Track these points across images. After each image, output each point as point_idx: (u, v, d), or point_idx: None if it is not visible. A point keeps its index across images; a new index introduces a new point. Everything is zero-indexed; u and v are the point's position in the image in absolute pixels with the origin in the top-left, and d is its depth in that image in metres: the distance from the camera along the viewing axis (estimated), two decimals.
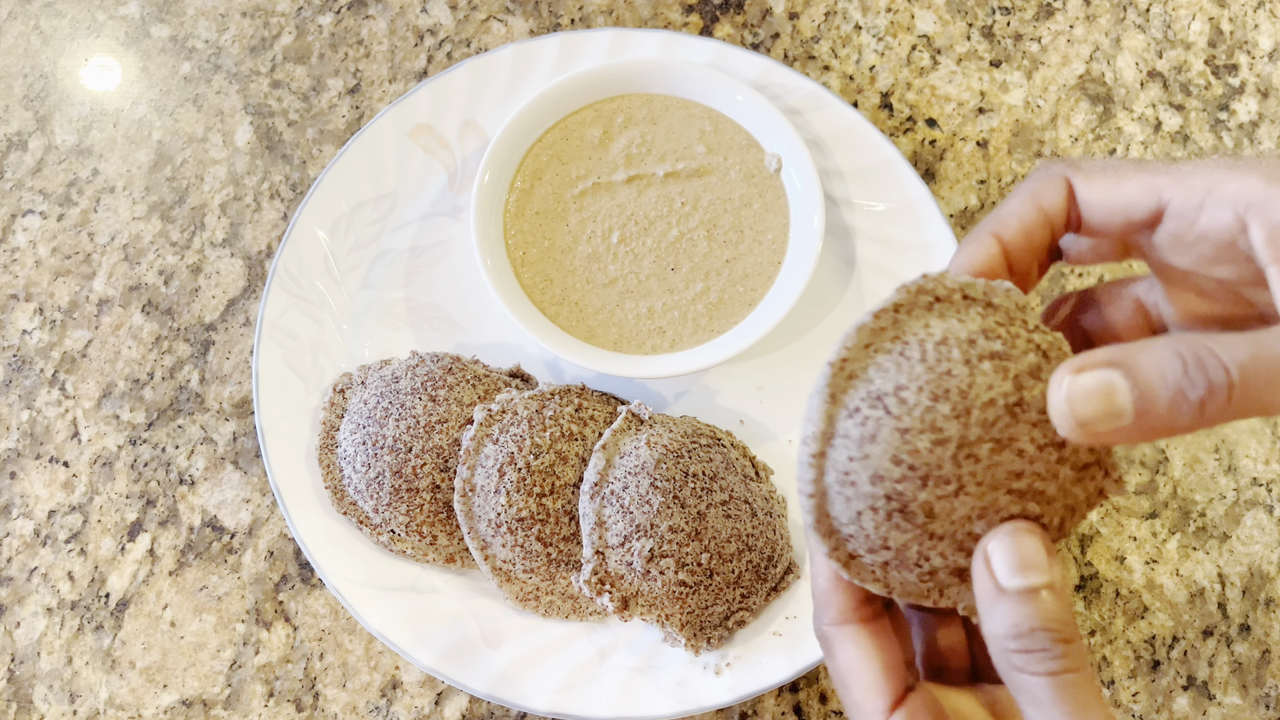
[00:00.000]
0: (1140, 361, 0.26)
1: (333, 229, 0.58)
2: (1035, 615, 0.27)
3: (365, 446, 0.52)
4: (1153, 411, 0.26)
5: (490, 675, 0.51)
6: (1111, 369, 0.26)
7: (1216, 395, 0.25)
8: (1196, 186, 0.29)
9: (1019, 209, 0.31)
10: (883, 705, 0.31)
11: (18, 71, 0.65)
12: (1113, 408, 0.26)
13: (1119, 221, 0.31)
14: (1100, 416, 0.26)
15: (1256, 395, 0.25)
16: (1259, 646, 0.55)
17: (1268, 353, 0.25)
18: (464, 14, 0.66)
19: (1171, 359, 0.25)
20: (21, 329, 0.60)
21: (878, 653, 0.32)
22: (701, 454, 0.51)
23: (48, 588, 0.56)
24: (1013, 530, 0.28)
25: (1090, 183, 0.31)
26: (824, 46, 0.65)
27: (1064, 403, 0.27)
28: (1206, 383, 0.25)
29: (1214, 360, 0.25)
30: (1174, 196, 0.29)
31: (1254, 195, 0.28)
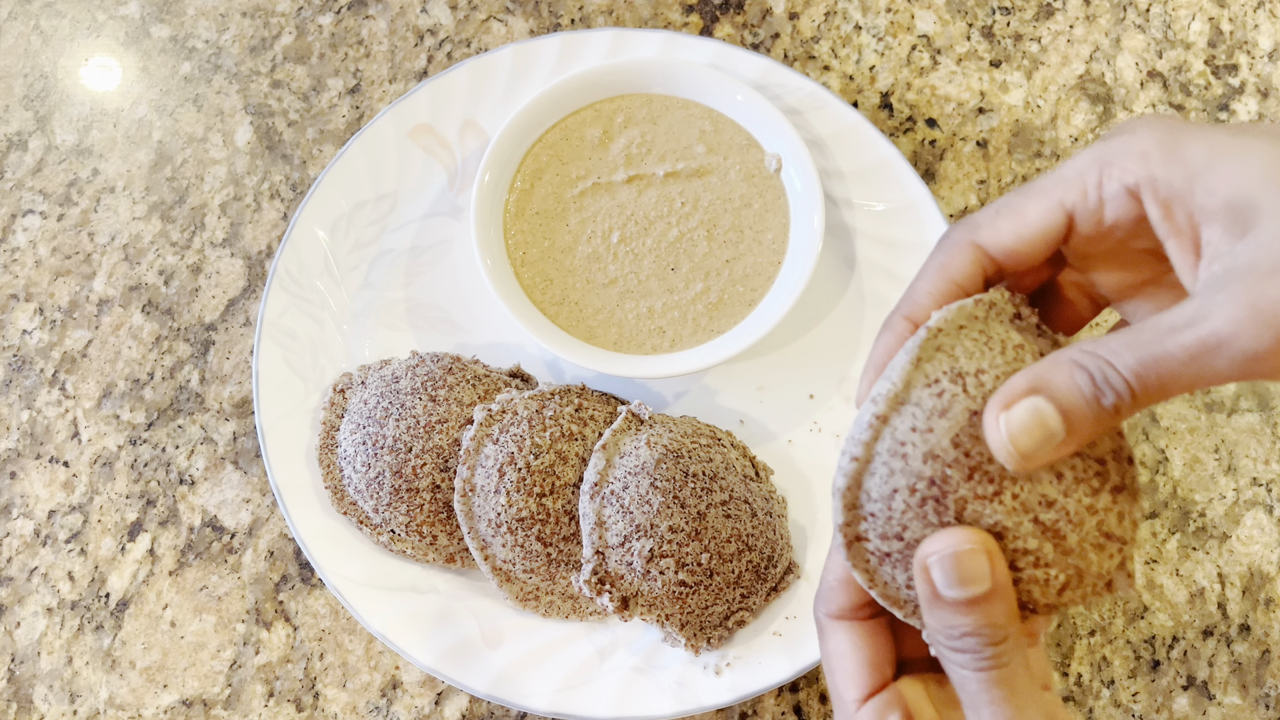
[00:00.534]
0: (1055, 383, 0.28)
1: (333, 229, 0.58)
2: (968, 623, 0.29)
3: (365, 446, 0.52)
4: (1079, 425, 0.28)
5: (490, 675, 0.51)
6: (1034, 396, 0.28)
7: (1124, 398, 0.28)
8: (1089, 180, 0.31)
9: (930, 287, 0.33)
10: (857, 695, 0.33)
11: (18, 71, 0.65)
12: (1047, 432, 0.28)
13: (1040, 249, 0.32)
14: (1040, 444, 0.29)
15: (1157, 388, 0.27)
16: (1259, 646, 0.55)
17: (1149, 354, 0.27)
18: (464, 14, 0.66)
19: (1081, 376, 0.28)
20: (21, 329, 0.61)
21: (864, 648, 0.34)
22: (701, 454, 0.51)
23: (48, 588, 0.56)
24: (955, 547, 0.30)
25: (995, 232, 0.32)
26: (824, 46, 0.65)
27: (1008, 441, 0.29)
28: (1114, 391, 0.28)
29: (1113, 373, 0.28)
30: (1075, 203, 0.31)
31: (1139, 176, 0.30)
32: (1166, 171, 0.29)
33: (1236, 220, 0.28)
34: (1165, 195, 0.29)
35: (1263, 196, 0.27)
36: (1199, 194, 0.28)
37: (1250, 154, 0.28)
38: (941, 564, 0.30)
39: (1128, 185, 0.30)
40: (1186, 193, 0.29)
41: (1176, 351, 0.27)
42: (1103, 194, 0.31)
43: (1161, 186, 0.29)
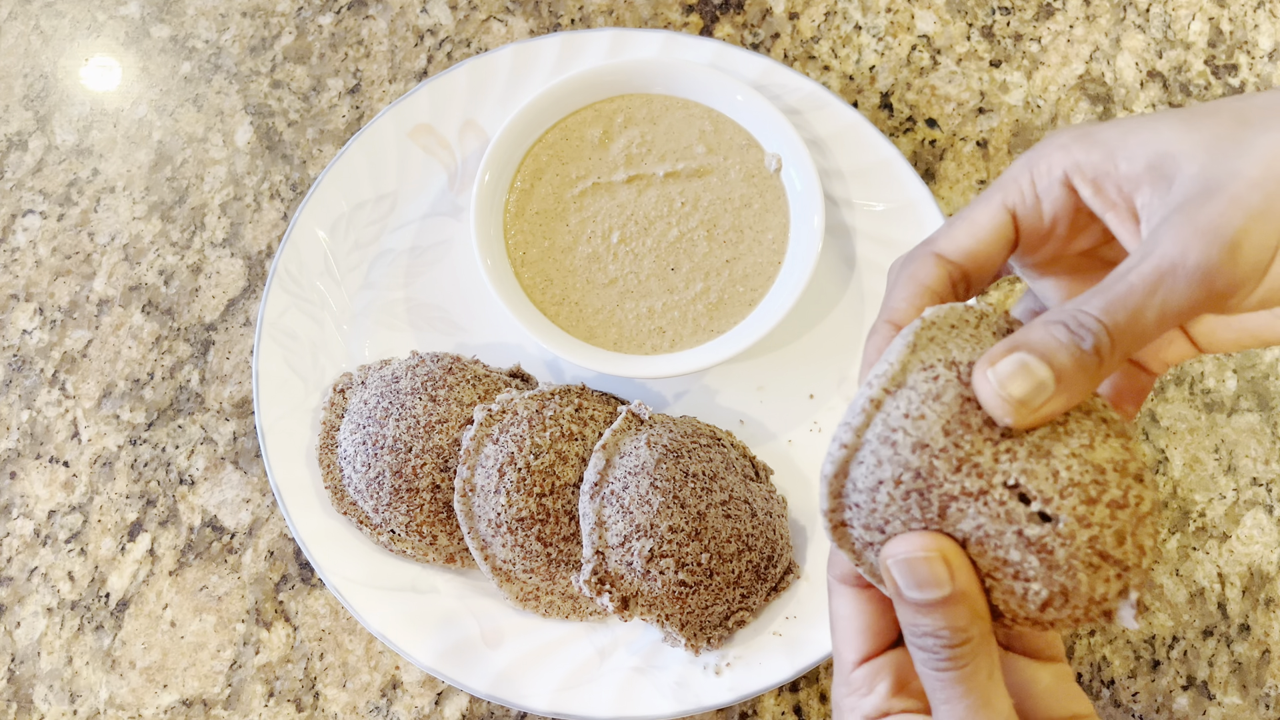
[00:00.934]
0: (1032, 338, 0.29)
1: (333, 229, 0.58)
2: (928, 624, 0.30)
3: (365, 446, 0.52)
4: (1066, 371, 0.29)
5: (490, 675, 0.51)
6: (1015, 351, 0.29)
7: (1101, 339, 0.29)
8: (1023, 181, 0.33)
9: (906, 294, 0.35)
10: (854, 657, 0.34)
11: (18, 71, 0.65)
12: (1036, 379, 0.29)
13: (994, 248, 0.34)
14: (1032, 390, 0.29)
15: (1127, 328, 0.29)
16: (1259, 646, 0.55)
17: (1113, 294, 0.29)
18: (464, 14, 0.66)
19: (1056, 327, 0.29)
20: (21, 329, 0.61)
21: (866, 614, 0.35)
22: (701, 454, 0.51)
23: (48, 588, 0.56)
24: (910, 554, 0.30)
25: (951, 239, 0.34)
26: (824, 46, 0.65)
27: (998, 388, 0.29)
28: (1090, 333, 0.29)
29: (1086, 316, 0.29)
30: (1015, 202, 0.33)
31: (1065, 164, 0.32)
32: (1087, 154, 0.32)
33: (1160, 176, 0.30)
34: (1092, 175, 0.32)
35: (1176, 146, 0.30)
36: (1121, 165, 0.31)
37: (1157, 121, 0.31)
38: (898, 568, 0.30)
39: (1057, 176, 0.32)
40: (1110, 167, 0.31)
41: (1137, 283, 0.28)
42: (1037, 189, 0.33)
43: (1086, 167, 0.32)
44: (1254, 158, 0.29)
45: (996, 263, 0.35)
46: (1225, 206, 0.28)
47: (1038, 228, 0.34)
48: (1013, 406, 0.29)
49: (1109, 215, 0.32)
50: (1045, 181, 0.33)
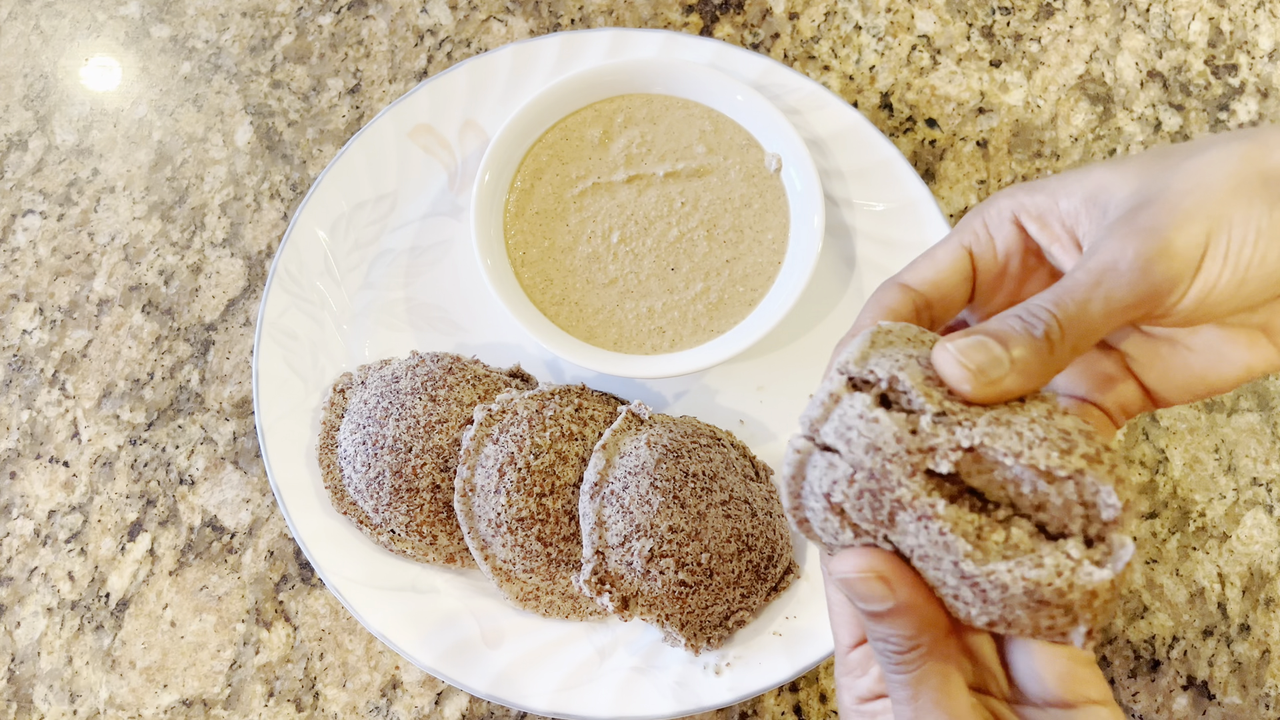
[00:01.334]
0: (989, 325, 0.32)
1: (333, 229, 0.58)
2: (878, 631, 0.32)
3: (365, 446, 0.52)
4: (1020, 354, 0.31)
5: (490, 675, 0.51)
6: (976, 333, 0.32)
7: (1052, 327, 0.31)
8: (975, 223, 0.36)
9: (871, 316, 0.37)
10: (849, 641, 0.36)
11: (18, 71, 0.65)
12: (992, 356, 0.31)
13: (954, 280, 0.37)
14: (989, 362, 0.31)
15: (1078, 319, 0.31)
16: (1259, 646, 0.55)
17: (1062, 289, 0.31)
18: (464, 14, 0.66)
19: (1009, 317, 0.32)
20: (21, 329, 0.61)
21: None
22: (701, 454, 0.51)
23: (48, 588, 0.56)
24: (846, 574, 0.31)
25: (915, 273, 0.37)
26: (824, 46, 0.65)
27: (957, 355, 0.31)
28: (1041, 321, 0.31)
29: (1038, 307, 0.31)
30: (969, 242, 0.37)
31: (1012, 206, 0.36)
32: (1031, 197, 0.35)
33: (1096, 205, 0.33)
34: (1036, 213, 0.35)
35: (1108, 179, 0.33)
36: (1061, 202, 0.35)
37: (1091, 167, 0.34)
38: (841, 586, 0.32)
39: (1006, 217, 0.36)
40: (1052, 204, 0.35)
41: (1083, 279, 0.31)
42: (990, 230, 0.37)
43: (1031, 207, 0.35)
44: (1181, 174, 0.32)
45: (956, 294, 0.37)
46: (1157, 210, 0.31)
47: (992, 265, 0.37)
48: (972, 374, 0.31)
49: (1054, 248, 0.35)
50: (996, 222, 0.36)
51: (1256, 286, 0.32)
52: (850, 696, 0.36)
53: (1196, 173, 0.32)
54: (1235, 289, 0.32)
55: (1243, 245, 0.31)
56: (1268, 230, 0.31)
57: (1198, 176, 0.32)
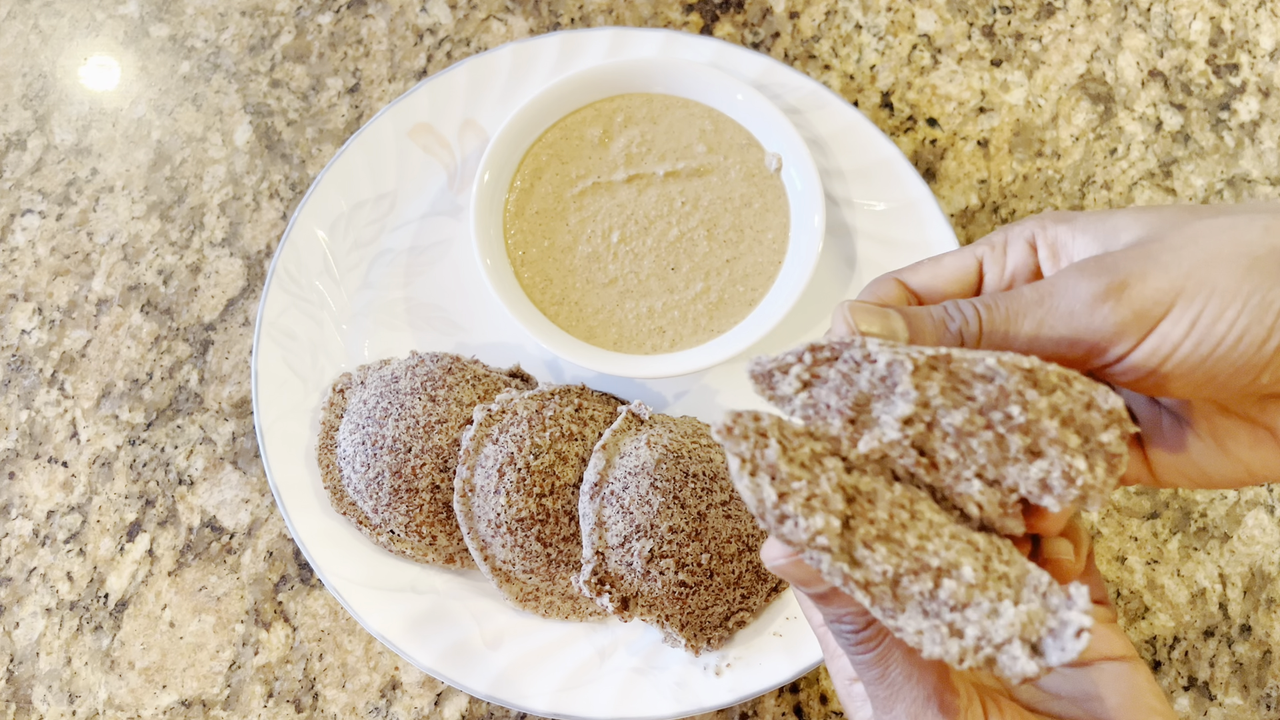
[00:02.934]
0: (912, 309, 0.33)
1: (332, 229, 0.58)
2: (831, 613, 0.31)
3: (365, 446, 0.52)
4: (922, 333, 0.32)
5: (490, 675, 0.51)
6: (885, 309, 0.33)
7: (970, 326, 0.31)
8: (996, 240, 0.36)
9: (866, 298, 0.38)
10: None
11: (17, 71, 0.65)
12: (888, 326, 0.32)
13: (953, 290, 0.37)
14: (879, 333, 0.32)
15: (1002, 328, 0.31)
16: (1260, 647, 0.55)
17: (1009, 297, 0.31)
18: (464, 13, 0.65)
19: (936, 307, 0.32)
20: (21, 329, 0.60)
21: None
22: (701, 454, 0.51)
23: (47, 588, 0.56)
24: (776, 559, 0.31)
25: (915, 272, 0.37)
26: (824, 46, 0.65)
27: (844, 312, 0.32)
28: (962, 317, 0.31)
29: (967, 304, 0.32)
30: (984, 253, 0.36)
31: (1034, 229, 0.35)
32: (1055, 225, 0.35)
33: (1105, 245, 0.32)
34: (1051, 241, 0.35)
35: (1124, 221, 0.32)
36: (1077, 238, 0.33)
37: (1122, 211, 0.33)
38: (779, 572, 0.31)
39: (1025, 237, 0.35)
40: (1069, 239, 0.34)
41: (1027, 295, 0.31)
42: (1007, 247, 0.36)
43: (1049, 234, 0.35)
44: (1186, 230, 0.30)
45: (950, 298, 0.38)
46: (1128, 255, 0.30)
47: (997, 282, 0.37)
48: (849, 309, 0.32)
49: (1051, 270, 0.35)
50: (1015, 241, 0.36)
51: (1230, 368, 0.28)
52: (842, 679, 0.36)
53: (1202, 233, 0.29)
54: (1199, 362, 0.28)
55: (1219, 316, 0.28)
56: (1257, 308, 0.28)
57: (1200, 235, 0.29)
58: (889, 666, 0.31)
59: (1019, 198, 0.62)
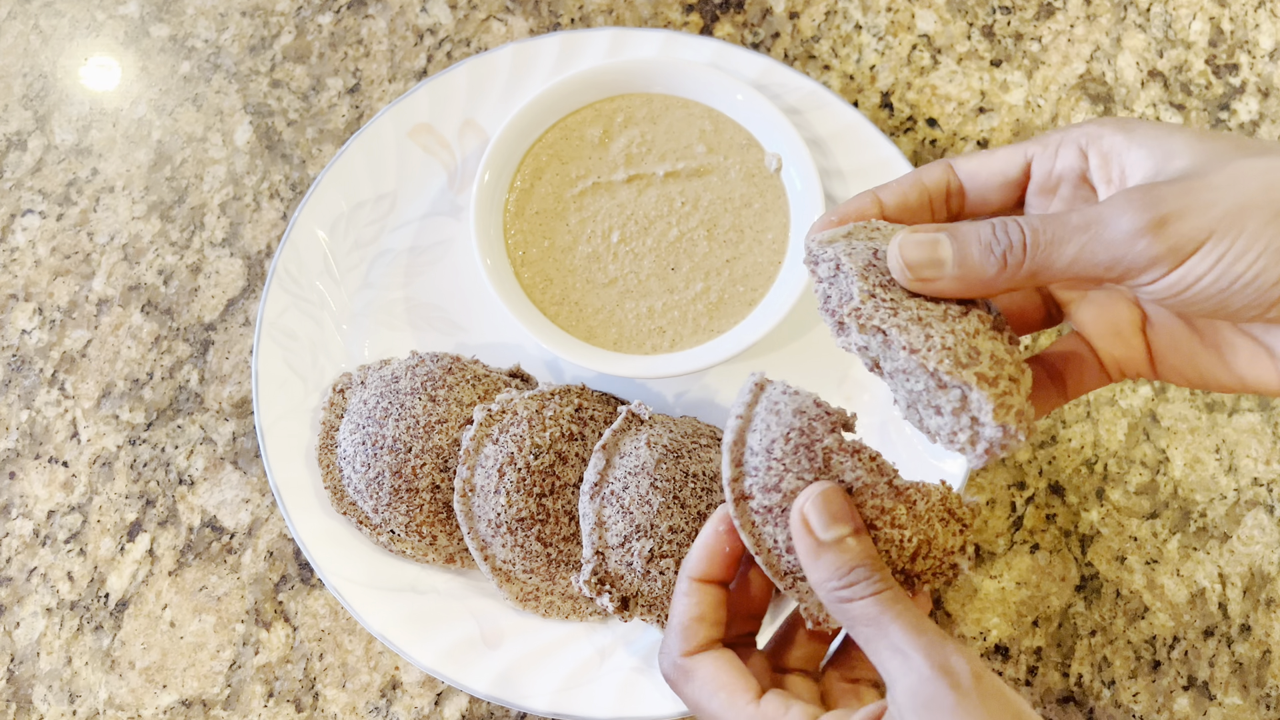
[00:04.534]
0: (962, 228, 0.34)
1: (332, 229, 0.58)
2: (851, 556, 0.34)
3: (365, 446, 0.52)
4: (967, 261, 0.33)
5: (490, 675, 0.51)
6: (940, 232, 0.34)
7: (1015, 250, 0.32)
8: (1051, 140, 0.37)
9: (901, 180, 0.39)
10: (751, 696, 0.36)
11: (17, 71, 0.65)
12: (935, 256, 0.33)
13: (996, 181, 0.38)
14: (924, 263, 0.33)
15: (1045, 253, 0.32)
16: (1259, 647, 0.55)
17: (1056, 222, 0.32)
18: (464, 13, 0.65)
19: (985, 225, 0.33)
20: (21, 329, 0.60)
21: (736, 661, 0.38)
22: (701, 454, 0.51)
23: (47, 588, 0.56)
24: (820, 490, 0.34)
25: (967, 159, 0.38)
26: (824, 46, 0.65)
27: (899, 248, 0.34)
28: (1008, 240, 0.32)
29: (1014, 225, 0.33)
30: (1035, 152, 0.37)
31: (1091, 134, 0.35)
32: (1113, 135, 0.35)
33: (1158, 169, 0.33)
34: (1106, 150, 0.35)
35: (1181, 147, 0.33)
36: (1131, 151, 0.34)
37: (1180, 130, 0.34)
38: (814, 507, 0.34)
39: (1080, 144, 0.36)
40: (1124, 149, 0.34)
41: (1073, 220, 0.32)
42: (1059, 148, 0.37)
43: (1105, 143, 0.35)
44: (1229, 168, 0.31)
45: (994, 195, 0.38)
46: (1174, 190, 0.31)
47: (1045, 181, 0.37)
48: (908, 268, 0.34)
49: (1102, 188, 0.35)
50: (1069, 144, 0.36)
51: (1242, 302, 0.32)
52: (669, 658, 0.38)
53: (1242, 172, 0.31)
54: (1216, 294, 0.31)
55: (1240, 256, 0.31)
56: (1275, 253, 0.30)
57: (1240, 175, 0.31)
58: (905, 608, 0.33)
59: None
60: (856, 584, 0.34)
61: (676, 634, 0.38)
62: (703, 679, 0.37)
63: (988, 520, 0.57)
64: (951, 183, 0.38)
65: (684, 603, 0.39)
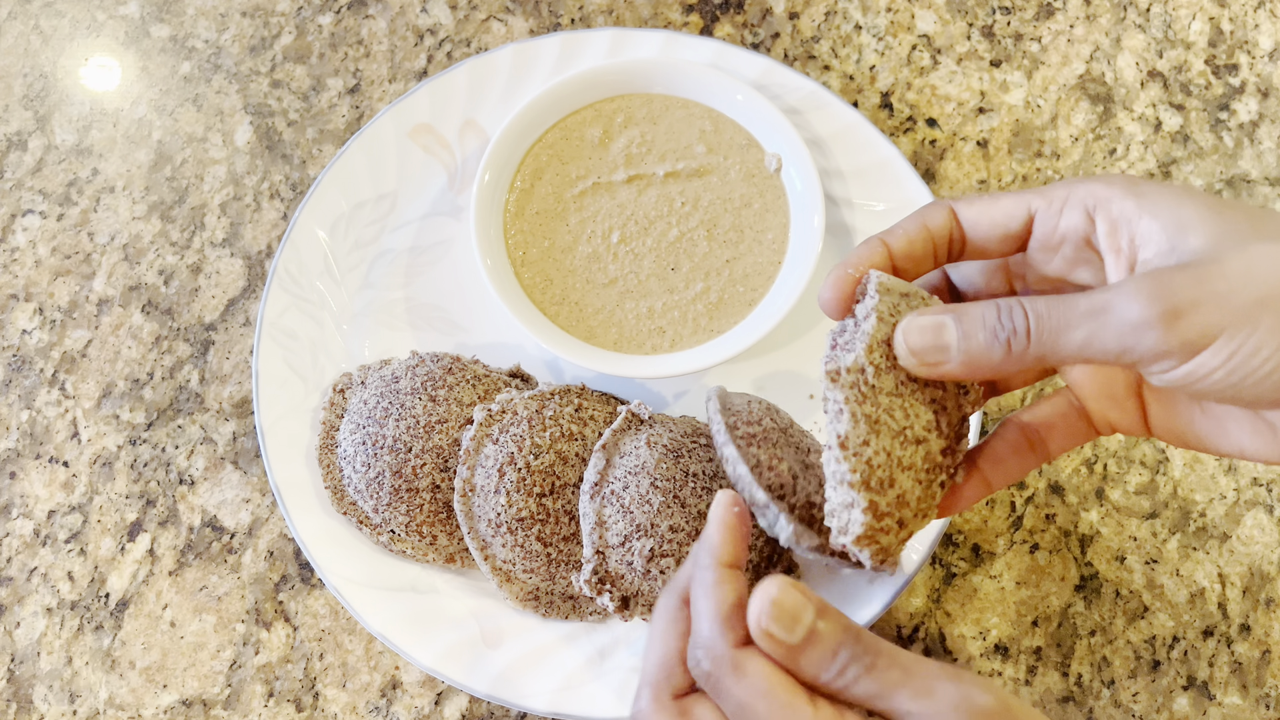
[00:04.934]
0: (968, 313, 0.33)
1: (333, 229, 0.58)
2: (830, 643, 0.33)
3: (365, 446, 0.52)
4: (973, 347, 0.33)
5: (490, 675, 0.51)
6: (946, 315, 0.34)
7: (1019, 336, 0.32)
8: (1056, 195, 0.35)
9: (907, 225, 0.38)
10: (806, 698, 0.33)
11: (18, 71, 0.65)
12: (940, 342, 0.34)
13: (998, 233, 0.37)
14: (929, 349, 0.34)
15: (1052, 339, 0.32)
16: (1259, 646, 0.55)
17: (1063, 306, 0.31)
18: (464, 14, 0.66)
19: (990, 309, 0.33)
20: (21, 329, 0.60)
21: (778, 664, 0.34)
22: (701, 454, 0.51)
23: (47, 588, 0.56)
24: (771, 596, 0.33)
25: (970, 205, 0.37)
26: (824, 46, 0.65)
27: (900, 336, 0.34)
28: (1012, 326, 0.32)
29: (1019, 310, 0.32)
30: (1039, 207, 0.36)
31: (1099, 196, 0.34)
32: (1123, 200, 0.34)
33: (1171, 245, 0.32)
34: (1115, 216, 0.34)
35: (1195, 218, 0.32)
36: (1144, 221, 0.33)
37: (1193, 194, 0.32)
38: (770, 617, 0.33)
39: (1087, 206, 0.35)
40: (1134, 218, 0.33)
41: (1081, 306, 0.31)
42: (1064, 206, 0.35)
43: (1114, 209, 0.34)
44: (1243, 255, 0.30)
45: (995, 246, 0.38)
46: (1186, 279, 0.30)
47: (1048, 237, 0.36)
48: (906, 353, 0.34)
49: (1110, 257, 0.34)
50: (1075, 203, 0.35)
51: (1255, 395, 0.31)
52: None
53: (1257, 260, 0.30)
54: (1228, 386, 0.31)
55: (1255, 352, 0.30)
56: None
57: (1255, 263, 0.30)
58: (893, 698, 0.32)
59: None
60: (847, 668, 0.32)
61: (718, 625, 0.34)
62: (755, 676, 0.34)
63: (987, 520, 0.57)
64: (955, 229, 0.37)
65: (720, 591, 0.35)
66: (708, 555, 0.36)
